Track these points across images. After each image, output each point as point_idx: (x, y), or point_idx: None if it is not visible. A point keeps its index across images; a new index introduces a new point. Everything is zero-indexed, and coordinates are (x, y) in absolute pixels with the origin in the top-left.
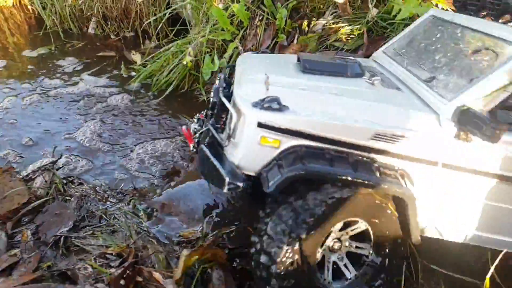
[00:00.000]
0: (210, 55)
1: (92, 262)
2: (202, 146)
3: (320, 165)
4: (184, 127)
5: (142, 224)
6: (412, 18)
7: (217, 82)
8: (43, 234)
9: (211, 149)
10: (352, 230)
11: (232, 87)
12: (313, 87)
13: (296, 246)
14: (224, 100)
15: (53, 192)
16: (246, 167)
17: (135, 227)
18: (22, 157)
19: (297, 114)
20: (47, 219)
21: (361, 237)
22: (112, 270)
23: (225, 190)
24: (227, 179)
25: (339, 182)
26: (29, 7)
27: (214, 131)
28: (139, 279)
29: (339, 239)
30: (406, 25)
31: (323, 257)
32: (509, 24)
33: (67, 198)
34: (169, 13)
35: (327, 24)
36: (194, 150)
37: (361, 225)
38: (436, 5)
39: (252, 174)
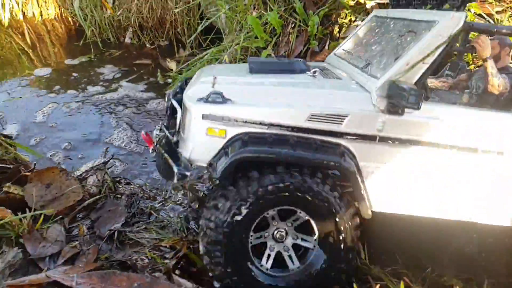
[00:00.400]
0: (244, 63)
1: (149, 252)
2: (158, 145)
3: (260, 147)
4: (143, 132)
5: (189, 219)
6: None
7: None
8: (98, 229)
9: (166, 148)
10: (294, 221)
11: None
12: (256, 83)
13: (225, 229)
14: (172, 100)
15: (105, 190)
16: (197, 158)
17: (184, 222)
18: (70, 159)
19: (238, 104)
20: (101, 215)
21: (307, 231)
22: (167, 261)
23: (175, 181)
24: (175, 170)
25: (278, 161)
26: (70, 19)
27: (166, 131)
28: (194, 269)
29: (285, 230)
30: None
31: (264, 245)
32: None
33: (118, 196)
34: (203, 23)
35: None
36: (154, 152)
37: (301, 215)
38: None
39: (204, 165)
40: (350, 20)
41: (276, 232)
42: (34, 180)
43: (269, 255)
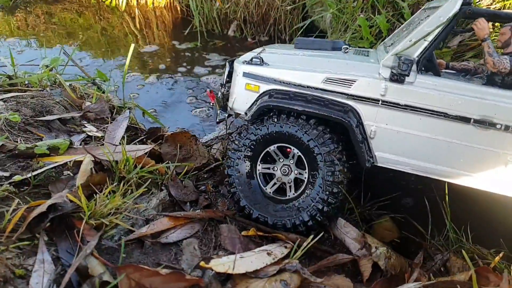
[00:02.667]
0: None
1: None
2: (215, 98)
3: (281, 100)
4: (208, 89)
5: None
6: None
7: None
8: (222, 188)
9: (219, 101)
10: (293, 157)
11: None
12: (291, 54)
13: (242, 161)
14: (227, 64)
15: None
16: (237, 107)
17: None
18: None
19: (271, 67)
20: (223, 178)
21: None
22: None
23: (217, 120)
24: (218, 112)
25: (294, 112)
26: (178, 8)
27: (221, 88)
28: None
29: (290, 167)
30: None
31: (270, 175)
32: None
33: None
34: (307, 22)
35: (465, 41)
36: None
37: (294, 151)
38: None
39: (242, 113)
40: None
41: (282, 167)
42: (169, 140)
43: (274, 184)
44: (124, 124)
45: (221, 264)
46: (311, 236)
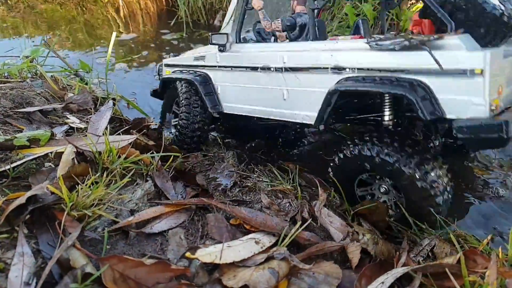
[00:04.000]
0: None
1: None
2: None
3: (173, 75)
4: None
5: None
6: None
7: None
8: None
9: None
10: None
11: None
12: (199, 47)
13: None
14: (158, 65)
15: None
16: None
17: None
18: None
19: (177, 57)
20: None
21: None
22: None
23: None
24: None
25: (179, 80)
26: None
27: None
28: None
29: None
30: None
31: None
32: None
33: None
34: None
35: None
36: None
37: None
38: None
39: None
40: None
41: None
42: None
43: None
44: (108, 115)
45: (207, 254)
46: (299, 223)
